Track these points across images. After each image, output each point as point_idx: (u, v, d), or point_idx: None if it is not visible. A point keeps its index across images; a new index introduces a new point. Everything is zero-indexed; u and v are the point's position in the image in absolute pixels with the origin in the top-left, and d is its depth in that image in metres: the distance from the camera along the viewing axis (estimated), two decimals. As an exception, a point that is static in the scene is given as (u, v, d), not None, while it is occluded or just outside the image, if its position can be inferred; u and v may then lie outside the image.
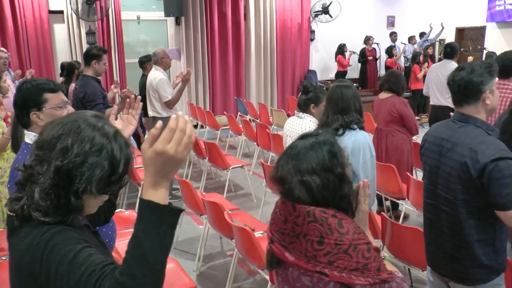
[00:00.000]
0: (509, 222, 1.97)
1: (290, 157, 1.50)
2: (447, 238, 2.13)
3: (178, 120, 1.06)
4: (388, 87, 4.49)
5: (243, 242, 3.02)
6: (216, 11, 9.43)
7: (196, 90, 9.59)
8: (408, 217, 4.80)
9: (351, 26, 11.24)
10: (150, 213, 1.06)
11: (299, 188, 1.45)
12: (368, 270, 1.39)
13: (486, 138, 1.99)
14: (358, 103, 2.87)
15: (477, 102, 2.03)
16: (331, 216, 1.43)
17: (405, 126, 4.46)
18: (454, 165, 2.03)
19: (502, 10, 11.65)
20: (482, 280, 2.08)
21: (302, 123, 3.37)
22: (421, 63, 9.32)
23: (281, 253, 1.49)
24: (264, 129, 6.38)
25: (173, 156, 1.04)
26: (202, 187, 5.80)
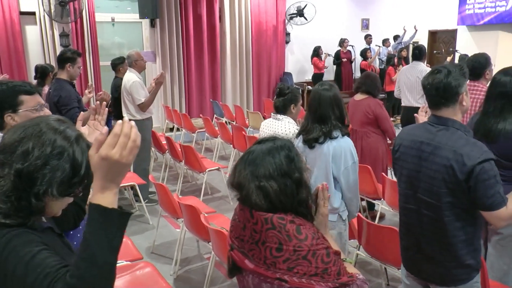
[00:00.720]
0: (495, 222, 2.00)
1: (247, 162, 1.49)
2: (430, 242, 2.13)
3: (123, 125, 1.09)
4: (364, 89, 4.54)
5: (220, 244, 3.00)
6: (191, 13, 9.38)
7: (172, 93, 9.52)
8: (384, 217, 4.87)
9: (326, 29, 11.34)
10: (98, 216, 1.08)
11: (257, 194, 1.44)
12: (328, 274, 1.40)
13: (468, 140, 2.00)
14: (339, 109, 2.76)
15: (455, 104, 2.06)
16: (289, 222, 1.42)
17: (381, 127, 4.51)
18: (438, 169, 2.02)
19: (472, 14, 11.95)
20: (464, 279, 2.10)
21: (281, 125, 3.36)
22: (396, 65, 9.47)
23: (240, 261, 1.48)
24: (240, 132, 6.38)
25: (118, 160, 1.07)
26: (178, 191, 5.76)
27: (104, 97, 4.07)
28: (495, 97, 2.77)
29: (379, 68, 11.05)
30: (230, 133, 6.78)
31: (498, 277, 2.84)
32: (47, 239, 1.22)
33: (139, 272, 2.91)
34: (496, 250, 2.87)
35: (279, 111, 3.42)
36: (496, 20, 11.42)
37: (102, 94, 4.14)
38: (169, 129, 9.20)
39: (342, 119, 2.77)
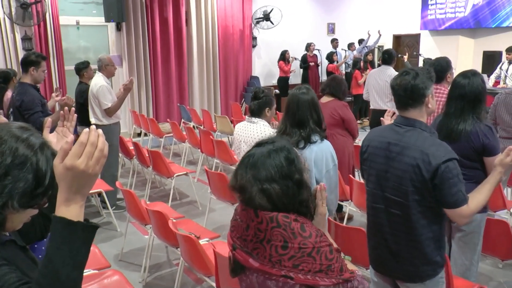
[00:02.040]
0: (457, 219, 2.07)
1: (248, 166, 1.50)
2: (398, 240, 2.18)
3: (90, 133, 1.04)
4: (330, 92, 4.61)
5: (189, 250, 2.98)
6: (158, 16, 9.32)
7: (139, 97, 9.41)
8: (352, 218, 4.94)
9: (292, 33, 11.45)
10: (62, 229, 1.03)
11: (260, 196, 1.45)
12: (332, 271, 1.43)
13: (434, 141, 2.07)
14: (316, 113, 2.77)
15: (421, 106, 2.12)
16: (293, 221, 1.45)
17: (347, 128, 4.58)
18: (405, 168, 2.08)
19: (434, 19, 12.31)
20: (430, 275, 2.16)
21: (257, 128, 3.37)
22: (362, 69, 9.65)
23: (244, 260, 1.49)
24: (207, 136, 6.36)
25: (84, 170, 1.03)
26: (146, 196, 5.69)
27: (68, 102, 3.98)
28: (456, 99, 2.87)
29: (345, 72, 11.23)
30: (197, 138, 6.74)
31: (460, 273, 2.93)
32: (8, 254, 1.16)
33: (106, 280, 2.86)
34: (459, 247, 2.97)
35: (254, 114, 3.43)
36: (456, 25, 11.80)
37: (66, 99, 4.06)
38: (137, 134, 9.09)
39: (319, 123, 2.79)
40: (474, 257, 2.96)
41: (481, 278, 3.69)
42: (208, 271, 2.89)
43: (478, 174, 2.82)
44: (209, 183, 4.53)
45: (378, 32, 11.42)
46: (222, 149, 5.84)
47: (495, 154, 2.72)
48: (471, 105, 2.83)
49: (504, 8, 10.80)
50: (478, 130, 2.77)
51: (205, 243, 3.23)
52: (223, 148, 5.82)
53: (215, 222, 5.00)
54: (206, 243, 3.27)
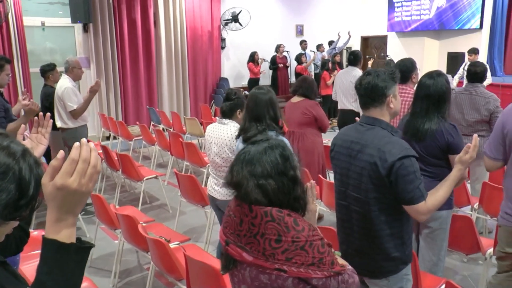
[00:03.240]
0: (415, 215, 2.11)
1: (244, 162, 1.52)
2: (359, 236, 2.23)
3: (81, 148, 0.98)
4: (301, 93, 4.74)
5: (159, 254, 2.95)
6: (126, 18, 9.20)
7: (108, 100, 9.26)
8: (322, 217, 4.99)
9: (261, 34, 11.50)
10: (54, 253, 0.98)
11: (256, 192, 1.48)
12: (324, 264, 1.46)
13: (391, 139, 2.11)
14: (273, 110, 2.89)
15: (382, 105, 2.16)
16: (287, 215, 1.47)
17: (320, 126, 4.70)
18: (364, 166, 2.13)
19: (400, 21, 12.58)
20: (392, 271, 2.21)
21: (227, 129, 3.37)
22: (330, 70, 9.76)
23: (238, 254, 1.51)
24: (177, 138, 6.31)
25: (76, 189, 0.97)
26: (116, 201, 5.61)
27: (33, 108, 3.87)
28: (421, 99, 2.94)
29: (314, 73, 11.34)
30: (167, 140, 6.68)
31: (428, 268, 3.00)
32: None
33: None
34: (426, 243, 3.04)
35: (225, 116, 3.43)
36: (421, 27, 12.08)
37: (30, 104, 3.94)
38: (106, 138, 8.94)
39: (276, 120, 2.90)
40: (441, 253, 3.03)
41: (447, 272, 3.79)
42: (179, 274, 2.87)
43: (444, 172, 2.88)
44: (179, 186, 4.50)
45: (348, 33, 11.58)
46: (192, 151, 5.81)
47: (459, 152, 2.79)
48: (436, 105, 2.90)
49: (466, 11, 11.13)
50: (443, 129, 2.84)
51: (176, 247, 3.21)
52: (193, 150, 5.79)
53: (185, 225, 4.97)
54: (177, 246, 3.25)
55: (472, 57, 8.20)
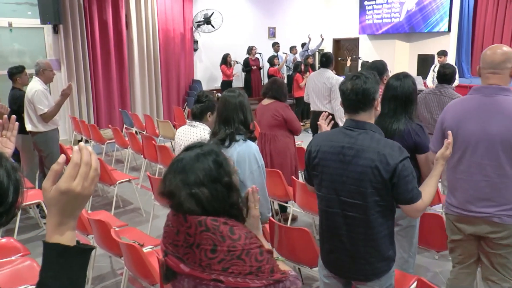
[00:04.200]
0: (414, 214, 2.17)
1: (177, 170, 1.49)
2: (355, 242, 2.20)
3: (82, 152, 0.99)
4: (271, 95, 4.67)
5: (132, 259, 2.92)
6: (97, 19, 9.07)
7: (79, 103, 9.09)
8: (296, 218, 5.02)
9: (234, 37, 11.51)
10: (58, 257, 0.97)
11: (189, 201, 1.45)
12: (262, 272, 1.44)
13: (387, 142, 2.13)
14: (243, 114, 2.83)
15: (371, 109, 2.18)
16: (222, 224, 1.45)
17: (290, 128, 4.65)
18: (363, 170, 2.10)
19: (371, 24, 12.79)
20: (385, 271, 2.23)
21: (197, 131, 3.36)
22: (303, 72, 9.83)
23: (176, 265, 1.48)
24: (150, 141, 6.25)
25: (80, 193, 0.98)
26: (88, 205, 5.51)
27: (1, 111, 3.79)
28: (389, 100, 3.00)
29: (287, 75, 11.41)
30: (140, 143, 6.62)
31: (399, 265, 3.06)
32: None
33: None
34: (397, 241, 3.06)
35: (195, 118, 3.41)
36: (392, 30, 12.31)
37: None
38: (77, 141, 8.77)
39: (246, 124, 2.85)
40: (412, 250, 3.09)
41: (419, 269, 3.87)
42: (153, 279, 2.84)
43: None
44: (152, 190, 4.46)
45: (321, 36, 11.70)
46: (165, 154, 5.76)
47: (425, 151, 2.87)
48: (403, 105, 2.97)
49: (434, 14, 11.40)
50: (410, 129, 2.91)
51: (149, 251, 3.18)
52: (166, 153, 5.75)
53: (159, 228, 4.88)
54: (150, 250, 3.22)
55: (441, 59, 8.40)
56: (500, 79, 2.49)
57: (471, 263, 2.76)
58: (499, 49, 2.50)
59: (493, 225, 2.51)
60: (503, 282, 2.60)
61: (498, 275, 2.61)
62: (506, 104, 2.44)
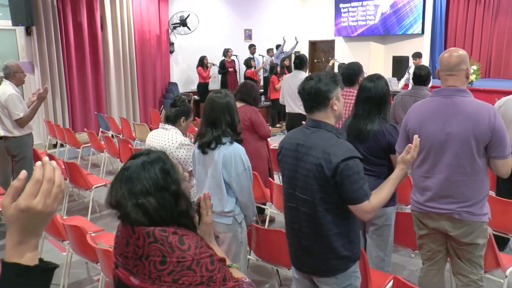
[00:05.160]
0: (360, 214, 2.18)
1: (123, 180, 1.46)
2: (308, 237, 2.27)
3: (45, 168, 0.94)
4: (240, 98, 4.55)
5: (109, 264, 2.88)
6: (71, 21, 8.94)
7: (54, 106, 8.93)
8: (274, 220, 5.03)
9: (210, 39, 11.49)
10: (17, 277, 0.93)
11: (135, 211, 1.41)
12: (214, 281, 1.42)
13: (336, 141, 2.17)
14: (230, 115, 2.84)
15: (326, 108, 2.21)
16: (171, 234, 1.42)
17: (258, 133, 4.58)
18: (310, 167, 2.17)
19: (346, 26, 12.93)
20: (341, 270, 2.26)
21: (168, 134, 3.34)
22: (279, 74, 9.88)
23: (126, 278, 1.45)
24: (126, 145, 6.20)
25: (41, 211, 0.93)
26: (64, 211, 5.43)
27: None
28: (363, 102, 3.05)
29: (263, 77, 11.45)
30: (116, 147, 6.55)
31: (375, 264, 3.12)
32: None
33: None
34: (373, 240, 3.15)
35: (169, 121, 3.40)
36: (367, 32, 12.47)
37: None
38: (52, 146, 8.66)
39: (233, 126, 2.86)
40: (387, 248, 3.15)
41: (396, 268, 3.93)
42: (130, 284, 2.81)
43: (386, 171, 3.03)
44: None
45: (295, 38, 11.77)
46: (143, 157, 5.71)
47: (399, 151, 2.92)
48: (377, 106, 3.03)
49: (408, 17, 11.60)
50: (384, 130, 2.97)
51: (126, 255, 3.14)
52: (143, 156, 5.70)
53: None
54: (127, 255, 3.18)
55: (416, 61, 8.56)
56: (457, 80, 2.60)
57: (439, 259, 2.84)
58: (455, 52, 2.63)
59: (453, 221, 2.62)
60: (471, 275, 2.70)
61: (467, 269, 2.70)
62: (464, 105, 2.54)
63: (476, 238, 2.62)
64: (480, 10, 12.10)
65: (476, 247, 2.65)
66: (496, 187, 4.19)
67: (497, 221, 3.48)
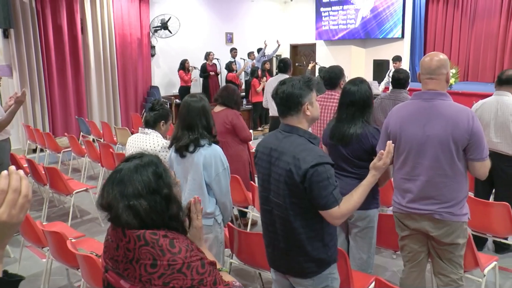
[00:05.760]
0: (329, 219, 2.18)
1: (115, 182, 1.46)
2: (282, 239, 2.28)
3: (11, 177, 0.91)
4: (221, 102, 4.59)
5: (89, 270, 2.85)
6: (51, 23, 8.83)
7: (33, 110, 8.79)
8: (256, 223, 5.03)
9: (191, 42, 11.47)
10: None
11: (127, 213, 1.41)
12: (204, 285, 1.42)
13: (307, 146, 2.16)
14: (206, 119, 2.87)
15: (298, 113, 2.20)
16: (162, 237, 1.42)
17: (239, 136, 4.59)
18: (281, 172, 2.18)
19: (327, 30, 13.03)
20: (315, 272, 2.27)
21: (149, 139, 3.33)
22: (260, 77, 9.91)
23: (116, 281, 1.45)
24: (107, 149, 6.14)
25: (6, 222, 0.90)
26: (43, 217, 5.35)
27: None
28: (347, 105, 3.07)
29: (245, 80, 11.46)
30: (97, 151, 6.48)
31: (359, 266, 3.14)
32: None
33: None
34: (356, 242, 3.17)
35: (148, 125, 3.40)
36: (348, 35, 12.58)
37: None
38: (32, 151, 8.52)
39: (209, 128, 2.89)
40: (370, 250, 3.17)
41: (378, 269, 3.97)
42: (112, 289, 2.78)
43: (370, 174, 3.05)
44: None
45: (277, 42, 11.82)
46: (124, 162, 5.65)
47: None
48: (361, 110, 3.05)
49: (388, 21, 11.74)
50: (368, 133, 2.99)
51: (108, 261, 3.10)
52: (124, 161, 5.64)
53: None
54: (109, 260, 3.15)
55: (396, 64, 8.66)
56: (437, 84, 2.65)
57: (420, 260, 2.88)
58: (436, 56, 2.67)
59: (434, 222, 2.66)
60: (452, 274, 2.75)
61: (447, 268, 2.75)
62: (444, 108, 2.59)
63: (456, 238, 2.67)
64: (458, 16, 12.32)
65: (457, 246, 2.70)
66: (474, 188, 4.27)
67: (476, 222, 3.56)
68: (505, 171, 4.02)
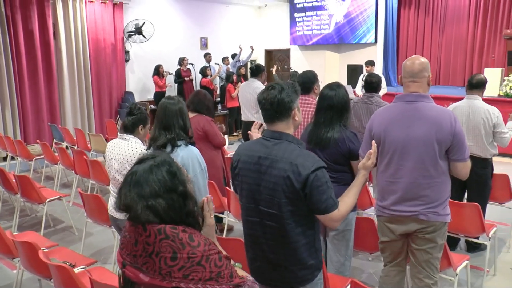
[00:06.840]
0: (330, 224, 2.19)
1: (131, 184, 1.49)
2: (275, 250, 2.23)
3: None
4: (193, 108, 4.51)
5: (62, 280, 2.79)
6: (21, 28, 8.66)
7: (4, 117, 8.60)
8: (232, 228, 5.02)
9: (166, 47, 11.41)
10: None
11: (146, 213, 1.45)
12: (222, 277, 1.46)
13: (301, 152, 2.15)
14: (183, 120, 2.91)
15: (288, 118, 2.19)
16: (181, 231, 1.46)
17: (211, 142, 4.54)
18: (277, 181, 2.12)
19: (302, 35, 13.13)
20: (309, 279, 2.25)
21: (128, 144, 3.30)
22: (235, 82, 9.92)
23: (135, 276, 1.46)
24: (81, 156, 6.03)
25: None
26: (14, 227, 5.22)
27: None
28: (325, 110, 3.10)
29: (220, 86, 11.44)
30: (71, 159, 6.36)
31: (336, 268, 3.16)
32: None
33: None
34: (333, 245, 3.18)
35: (127, 131, 3.36)
36: (322, 41, 12.70)
37: None
38: (2, 158, 8.32)
39: (186, 129, 2.94)
40: (348, 253, 3.19)
41: (355, 271, 4.00)
42: (85, 300, 2.73)
43: (347, 177, 3.09)
44: (84, 207, 4.30)
45: (251, 47, 11.86)
46: (98, 169, 5.57)
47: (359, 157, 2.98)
48: (339, 114, 3.09)
49: (361, 26, 11.91)
50: (345, 137, 3.03)
51: (81, 271, 3.05)
52: (98, 168, 5.56)
53: (92, 247, 4.75)
54: (82, 270, 3.09)
55: (369, 68, 8.77)
56: (419, 87, 2.69)
57: (400, 260, 2.92)
58: (417, 59, 2.72)
59: (420, 222, 2.69)
60: (427, 279, 2.78)
61: (423, 272, 2.78)
62: (426, 110, 2.62)
63: (437, 236, 2.71)
64: (429, 21, 12.60)
65: (435, 247, 2.73)
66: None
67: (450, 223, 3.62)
68: (478, 173, 4.12)
